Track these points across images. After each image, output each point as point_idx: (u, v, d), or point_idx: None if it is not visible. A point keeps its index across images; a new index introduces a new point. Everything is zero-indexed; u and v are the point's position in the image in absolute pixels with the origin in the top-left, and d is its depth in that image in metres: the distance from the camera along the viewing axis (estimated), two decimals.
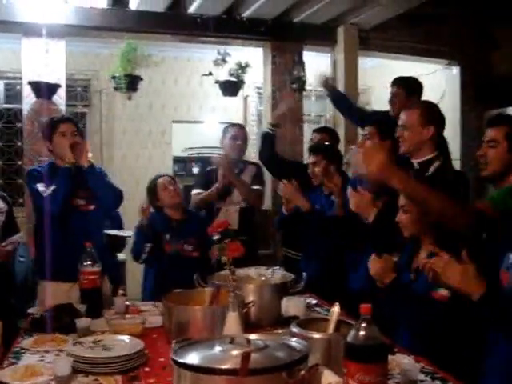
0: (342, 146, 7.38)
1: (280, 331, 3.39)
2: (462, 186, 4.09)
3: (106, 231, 5.61)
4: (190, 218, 5.49)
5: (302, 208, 5.18)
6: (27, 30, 6.85)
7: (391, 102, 5.99)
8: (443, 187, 3.64)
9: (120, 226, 6.43)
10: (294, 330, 2.71)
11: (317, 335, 2.66)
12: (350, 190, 4.41)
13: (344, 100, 7.07)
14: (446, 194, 3.30)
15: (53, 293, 4.63)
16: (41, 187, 4.70)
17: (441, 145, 4.25)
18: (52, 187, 4.65)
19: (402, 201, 3.67)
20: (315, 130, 6.70)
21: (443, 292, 3.23)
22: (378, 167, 3.03)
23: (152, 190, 5.42)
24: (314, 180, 5.44)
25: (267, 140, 6.59)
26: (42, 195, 4.68)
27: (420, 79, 6.12)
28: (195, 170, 9.82)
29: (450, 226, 3.29)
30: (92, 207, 4.88)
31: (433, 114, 4.20)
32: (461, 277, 2.79)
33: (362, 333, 2.17)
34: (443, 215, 3.29)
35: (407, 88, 5.90)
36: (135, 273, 7.04)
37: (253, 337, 2.36)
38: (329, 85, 7.03)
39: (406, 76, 6.20)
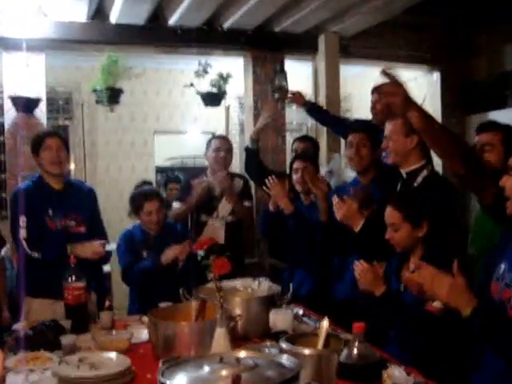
0: (323, 155, 7.40)
1: (269, 343, 3.37)
2: (450, 198, 4.04)
3: None
4: (166, 232, 5.40)
5: (284, 210, 5.20)
6: (7, 45, 6.83)
7: (372, 109, 6.00)
8: (431, 197, 3.65)
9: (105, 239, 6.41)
10: (284, 345, 2.69)
11: (307, 351, 2.62)
12: (335, 200, 4.39)
13: (321, 111, 7.12)
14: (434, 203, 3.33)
15: (36, 309, 4.62)
16: (22, 223, 4.65)
17: (428, 153, 4.26)
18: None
19: (389, 219, 3.67)
20: (297, 139, 6.71)
21: (437, 304, 3.18)
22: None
23: (136, 207, 5.33)
24: (298, 187, 5.43)
25: (250, 155, 6.60)
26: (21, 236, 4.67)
27: None
28: None
29: (451, 166, 3.34)
30: (83, 229, 4.84)
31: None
32: (449, 291, 2.68)
33: (354, 352, 2.15)
34: (448, 154, 3.34)
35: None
36: (121, 284, 7.01)
37: (242, 354, 2.32)
38: (303, 101, 7.07)
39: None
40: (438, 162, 4.42)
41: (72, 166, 9.42)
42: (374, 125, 5.77)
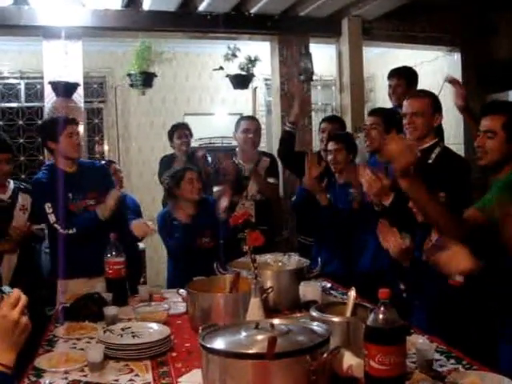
0: None
1: (298, 315, 3.56)
2: (463, 173, 4.13)
3: None
4: (204, 210, 5.52)
5: (320, 201, 5.27)
6: (47, 33, 7.00)
7: (391, 93, 6.16)
8: (445, 173, 3.80)
9: (139, 216, 6.59)
10: (314, 314, 2.80)
11: (336, 319, 2.75)
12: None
13: None
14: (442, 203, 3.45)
15: (71, 290, 4.73)
16: (49, 209, 4.84)
17: (439, 131, 4.43)
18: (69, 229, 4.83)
19: None
20: (325, 119, 6.62)
21: (458, 277, 3.34)
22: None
23: (177, 178, 5.40)
24: (334, 167, 5.48)
25: (287, 139, 6.61)
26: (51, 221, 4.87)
27: (422, 66, 6.17)
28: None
29: (444, 234, 3.43)
30: None
31: (439, 103, 4.30)
32: (457, 263, 2.95)
33: (381, 316, 2.28)
34: (438, 226, 3.48)
35: (407, 78, 6.03)
36: (154, 261, 7.24)
37: (276, 321, 2.49)
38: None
39: (402, 67, 6.33)
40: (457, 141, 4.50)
41: (106, 147, 9.68)
42: (390, 109, 5.90)
